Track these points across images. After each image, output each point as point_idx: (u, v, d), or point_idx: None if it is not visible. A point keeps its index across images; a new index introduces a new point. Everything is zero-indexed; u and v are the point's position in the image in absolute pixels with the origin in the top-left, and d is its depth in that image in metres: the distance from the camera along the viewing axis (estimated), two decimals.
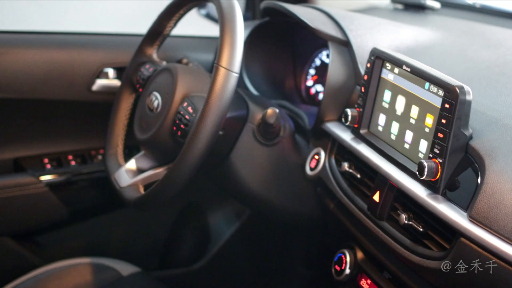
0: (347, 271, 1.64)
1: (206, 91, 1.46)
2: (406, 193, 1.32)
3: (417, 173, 1.25)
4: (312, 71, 2.16)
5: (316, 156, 1.76)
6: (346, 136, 1.61)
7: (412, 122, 1.36)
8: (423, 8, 2.31)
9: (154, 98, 1.71)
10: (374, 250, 1.54)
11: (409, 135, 1.37)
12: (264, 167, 1.82)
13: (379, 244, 1.47)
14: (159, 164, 1.75)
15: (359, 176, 1.56)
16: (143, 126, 1.74)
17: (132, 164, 1.80)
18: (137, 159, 1.81)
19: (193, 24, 2.55)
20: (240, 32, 1.50)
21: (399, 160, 1.38)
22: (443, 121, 1.22)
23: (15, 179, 2.19)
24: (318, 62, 2.14)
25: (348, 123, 1.55)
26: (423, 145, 1.31)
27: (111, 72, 2.23)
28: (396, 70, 1.42)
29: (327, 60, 2.09)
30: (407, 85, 1.38)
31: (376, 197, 1.44)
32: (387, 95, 1.46)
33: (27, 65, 2.13)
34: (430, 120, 1.29)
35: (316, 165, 1.74)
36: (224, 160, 1.79)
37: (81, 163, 2.35)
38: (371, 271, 1.58)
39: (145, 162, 1.80)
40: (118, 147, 1.88)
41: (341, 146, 1.66)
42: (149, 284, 2.01)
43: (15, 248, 2.28)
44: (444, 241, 1.24)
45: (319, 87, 2.12)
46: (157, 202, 1.58)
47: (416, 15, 2.29)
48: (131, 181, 1.73)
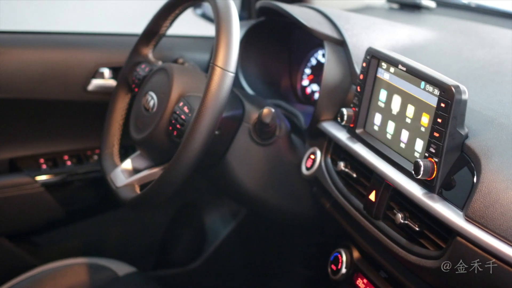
0: (343, 270, 1.64)
1: (202, 91, 1.46)
2: (402, 192, 1.32)
3: (413, 172, 1.25)
4: (308, 71, 2.16)
5: (312, 156, 1.76)
6: (342, 135, 1.61)
7: (408, 121, 1.36)
8: (419, 8, 2.31)
9: (150, 98, 1.71)
10: (370, 249, 1.54)
11: (405, 135, 1.37)
12: (260, 166, 1.82)
13: (375, 243, 1.47)
14: (155, 164, 1.75)
15: (355, 175, 1.56)
16: (139, 126, 1.74)
17: (128, 164, 1.80)
18: (133, 159, 1.81)
19: (188, 24, 2.54)
20: (236, 31, 1.49)
21: (395, 160, 1.38)
22: (439, 120, 1.22)
23: (10, 179, 2.18)
24: (313, 62, 2.15)
25: (344, 122, 1.55)
26: (419, 144, 1.31)
27: (106, 72, 2.22)
28: (392, 70, 1.42)
29: (322, 60, 2.09)
30: (403, 84, 1.38)
31: (372, 196, 1.44)
32: (383, 95, 1.46)
33: (23, 65, 2.12)
34: (426, 119, 1.29)
35: (312, 164, 1.74)
36: (220, 160, 1.79)
37: (77, 163, 2.35)
38: (367, 271, 1.58)
39: (141, 162, 1.80)
40: (114, 147, 1.87)
41: (337, 145, 1.66)
42: (145, 284, 2.01)
43: (11, 248, 2.27)
44: (440, 240, 1.24)
45: (315, 87, 2.12)
46: (153, 202, 1.58)
47: (411, 14, 2.29)
48: (127, 181, 1.73)
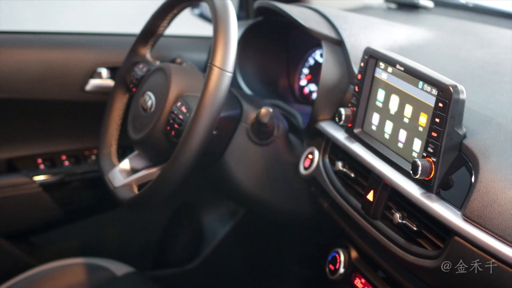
0: (341, 270, 1.64)
1: (199, 91, 1.46)
2: (400, 192, 1.32)
3: (411, 172, 1.25)
4: (306, 71, 2.16)
5: (310, 156, 1.76)
6: (340, 135, 1.61)
7: (406, 121, 1.36)
8: (416, 7, 2.31)
9: (148, 98, 1.71)
10: (368, 249, 1.54)
11: (402, 134, 1.37)
12: (258, 166, 1.82)
13: (373, 243, 1.47)
14: (153, 164, 1.75)
15: (353, 175, 1.56)
16: (136, 126, 1.74)
17: (125, 164, 1.80)
18: (130, 159, 1.81)
19: (186, 24, 2.54)
20: (234, 31, 1.49)
21: (392, 159, 1.38)
22: (437, 120, 1.22)
23: (8, 179, 2.18)
24: (311, 62, 2.15)
25: (342, 122, 1.55)
26: (417, 144, 1.31)
27: (104, 72, 2.22)
28: (390, 69, 1.42)
29: (320, 60, 2.09)
30: (401, 84, 1.38)
31: (370, 196, 1.44)
32: (381, 94, 1.46)
33: (20, 65, 2.12)
34: (423, 119, 1.29)
35: (310, 164, 1.74)
36: (218, 160, 1.79)
37: (74, 163, 2.35)
38: (365, 270, 1.58)
39: (139, 162, 1.80)
40: (111, 147, 1.87)
41: (335, 145, 1.66)
42: (143, 284, 2.01)
43: (8, 248, 2.27)
44: (438, 240, 1.24)
45: (313, 87, 2.12)
46: (151, 202, 1.58)
47: (409, 14, 2.29)
48: (125, 181, 1.72)
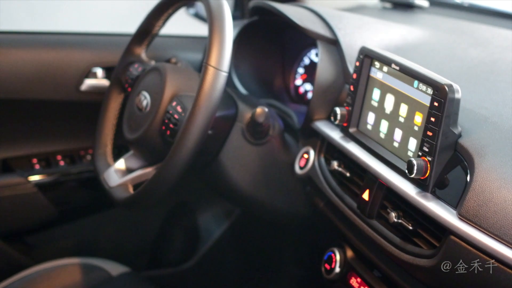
0: (337, 269, 1.64)
1: (195, 91, 1.46)
2: (395, 191, 1.33)
3: (406, 171, 1.25)
4: (301, 70, 2.16)
5: (306, 155, 1.76)
6: (335, 134, 1.61)
7: (401, 120, 1.36)
8: (412, 7, 2.32)
9: (143, 98, 1.71)
10: (364, 248, 1.54)
11: (398, 134, 1.37)
12: (254, 166, 1.82)
13: (369, 242, 1.47)
14: (148, 164, 1.75)
15: (348, 174, 1.56)
16: (132, 125, 1.74)
17: (121, 164, 1.80)
18: (126, 159, 1.81)
19: (181, 23, 2.54)
20: (229, 31, 1.49)
21: (388, 159, 1.38)
22: (432, 119, 1.22)
23: (3, 179, 2.18)
24: (307, 61, 2.15)
25: (337, 121, 1.55)
26: (412, 143, 1.31)
27: (99, 72, 2.22)
28: (385, 69, 1.43)
29: (316, 59, 2.09)
30: (396, 83, 1.38)
31: (365, 195, 1.44)
32: (376, 94, 1.46)
33: (15, 65, 2.12)
34: (419, 118, 1.29)
35: (306, 164, 1.74)
36: (213, 160, 1.79)
37: (70, 163, 2.35)
38: (361, 270, 1.58)
39: (134, 161, 1.79)
40: (107, 147, 1.87)
41: (330, 144, 1.66)
42: (138, 284, 2.01)
43: (4, 248, 2.26)
44: (433, 239, 1.24)
45: (308, 86, 2.12)
46: (146, 202, 1.58)
47: (404, 13, 2.29)
48: (120, 181, 1.72)
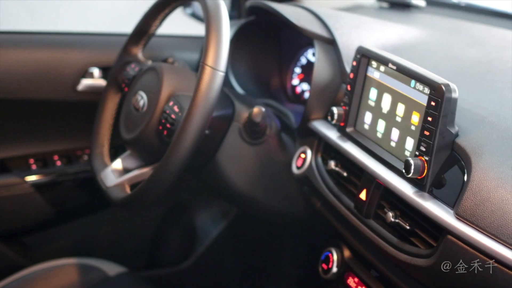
0: (334, 269, 1.64)
1: (192, 90, 1.46)
2: (392, 191, 1.33)
3: (403, 171, 1.25)
4: (298, 70, 2.16)
5: (303, 155, 1.75)
6: (332, 134, 1.61)
7: (398, 120, 1.36)
8: (409, 7, 2.32)
9: (140, 98, 1.71)
10: (361, 248, 1.54)
11: (395, 133, 1.37)
12: (251, 166, 1.82)
13: (366, 242, 1.47)
14: (145, 164, 1.74)
15: (345, 174, 1.56)
16: (129, 125, 1.74)
17: (118, 163, 1.80)
18: (123, 159, 1.81)
19: (178, 23, 2.54)
20: (226, 31, 1.49)
21: (385, 158, 1.38)
22: (429, 119, 1.22)
23: (0, 180, 2.18)
24: (304, 61, 2.14)
25: (334, 121, 1.55)
26: (409, 143, 1.31)
27: (96, 71, 2.22)
28: (382, 68, 1.43)
29: (313, 59, 2.09)
30: (393, 83, 1.38)
31: (362, 195, 1.44)
32: (373, 93, 1.46)
33: (12, 65, 2.11)
34: (416, 118, 1.29)
35: (303, 163, 1.74)
36: (210, 160, 1.78)
37: (67, 163, 2.34)
38: (358, 270, 1.58)
39: (131, 161, 1.79)
40: (104, 147, 1.87)
41: (327, 144, 1.66)
42: (135, 284, 2.00)
43: (1, 249, 2.26)
44: (431, 238, 1.24)
45: (305, 86, 2.12)
46: (143, 202, 1.58)
47: (401, 13, 2.29)
48: (117, 181, 1.72)
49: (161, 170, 1.48)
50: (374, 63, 1.46)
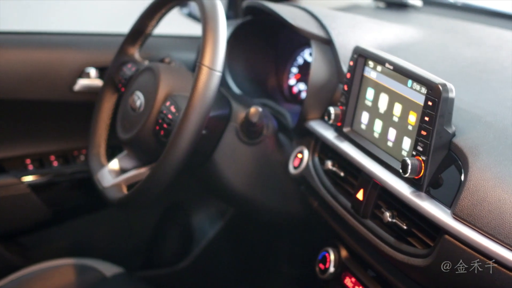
0: (331, 269, 1.64)
1: (188, 90, 1.46)
2: (389, 191, 1.32)
3: (400, 171, 1.25)
4: (295, 70, 2.16)
5: (300, 155, 1.75)
6: (329, 134, 1.61)
7: (395, 120, 1.36)
8: (405, 6, 2.32)
9: (137, 98, 1.70)
10: (358, 248, 1.54)
11: (392, 133, 1.37)
12: (248, 166, 1.82)
13: (363, 242, 1.47)
14: (142, 164, 1.74)
15: (342, 174, 1.56)
16: (125, 126, 1.74)
17: (115, 164, 1.80)
18: (120, 159, 1.80)
19: (175, 23, 2.54)
20: (223, 31, 1.49)
21: (382, 158, 1.38)
22: (426, 118, 1.22)
23: None
24: (300, 61, 2.14)
25: (331, 121, 1.55)
26: (406, 142, 1.31)
27: (93, 72, 2.21)
28: (379, 68, 1.43)
29: (309, 59, 2.09)
30: (390, 83, 1.38)
31: (359, 195, 1.44)
32: (370, 93, 1.46)
33: (8, 65, 2.11)
34: (413, 118, 1.29)
35: (300, 163, 1.74)
36: (207, 160, 1.78)
37: (63, 163, 2.34)
38: (355, 269, 1.58)
39: (128, 162, 1.79)
40: (100, 147, 1.87)
41: (324, 144, 1.66)
42: (132, 284, 2.00)
43: None
44: (428, 238, 1.24)
45: (302, 86, 2.12)
46: (140, 202, 1.58)
47: (398, 13, 2.29)
48: (114, 181, 1.72)
49: (158, 170, 1.48)
50: (371, 63, 1.46)
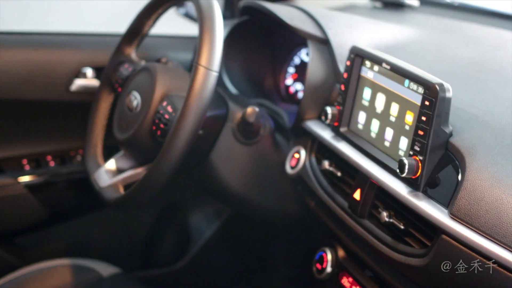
0: (329, 269, 1.64)
1: (185, 90, 1.46)
2: (387, 190, 1.32)
3: (397, 170, 1.25)
4: (292, 70, 2.16)
5: (296, 155, 1.75)
6: (326, 134, 1.61)
7: (392, 119, 1.36)
8: (402, 6, 2.32)
9: (133, 98, 1.70)
10: (355, 248, 1.54)
11: (389, 133, 1.37)
12: (244, 166, 1.81)
13: (360, 242, 1.47)
14: (139, 164, 1.74)
15: (339, 174, 1.56)
16: (122, 126, 1.73)
17: (111, 164, 1.79)
18: (116, 159, 1.80)
19: (172, 23, 2.54)
20: (219, 30, 1.49)
21: (379, 158, 1.38)
22: (423, 118, 1.22)
23: None
24: (297, 61, 2.14)
25: (328, 121, 1.55)
26: (404, 142, 1.31)
27: (89, 72, 2.21)
28: (376, 68, 1.42)
29: (306, 59, 2.09)
30: (387, 82, 1.38)
31: (356, 195, 1.44)
32: (367, 93, 1.46)
33: (5, 65, 2.11)
34: (410, 118, 1.29)
35: (297, 163, 1.74)
36: (204, 160, 1.78)
37: (60, 163, 2.34)
38: (352, 269, 1.58)
39: (124, 162, 1.79)
40: (97, 147, 1.86)
41: (321, 144, 1.66)
42: (129, 285, 2.00)
43: None
44: (425, 238, 1.24)
45: (299, 86, 2.12)
46: (137, 202, 1.58)
47: (394, 13, 2.29)
48: (111, 181, 1.72)
49: (154, 170, 1.48)
50: (368, 63, 1.46)
